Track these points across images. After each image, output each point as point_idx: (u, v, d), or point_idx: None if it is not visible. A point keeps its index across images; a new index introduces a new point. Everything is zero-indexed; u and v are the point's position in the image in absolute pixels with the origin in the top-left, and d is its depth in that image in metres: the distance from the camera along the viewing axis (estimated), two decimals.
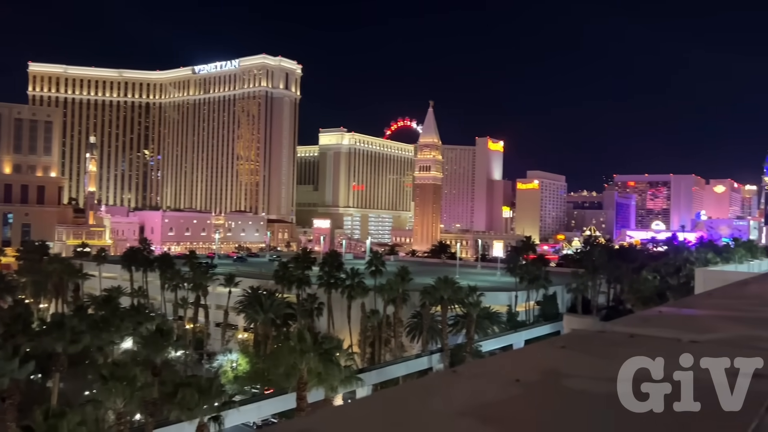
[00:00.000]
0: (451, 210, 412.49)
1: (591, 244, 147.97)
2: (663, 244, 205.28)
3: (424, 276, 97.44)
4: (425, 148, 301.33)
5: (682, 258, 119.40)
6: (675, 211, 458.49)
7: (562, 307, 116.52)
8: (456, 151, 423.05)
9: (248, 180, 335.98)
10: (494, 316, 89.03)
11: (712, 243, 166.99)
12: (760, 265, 79.66)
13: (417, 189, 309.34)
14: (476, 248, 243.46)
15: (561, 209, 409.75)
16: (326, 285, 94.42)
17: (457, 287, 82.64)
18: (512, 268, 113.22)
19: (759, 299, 6.66)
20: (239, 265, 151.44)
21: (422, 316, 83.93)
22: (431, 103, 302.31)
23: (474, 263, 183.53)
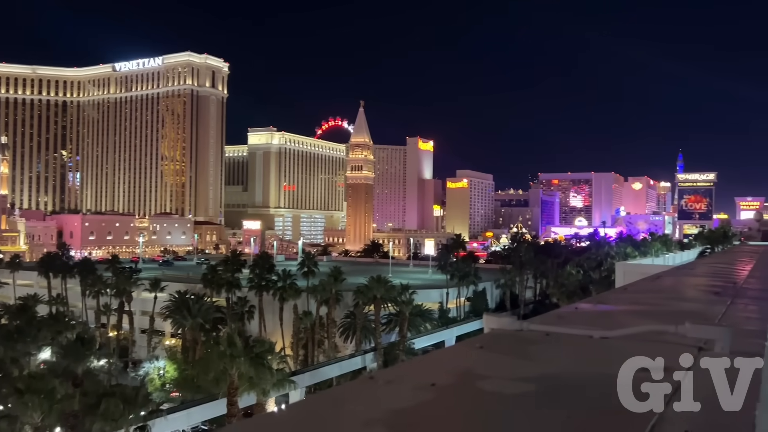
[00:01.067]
0: (383, 209, 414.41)
1: (518, 241, 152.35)
2: (585, 240, 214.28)
3: (357, 276, 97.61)
4: (356, 147, 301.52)
5: (604, 252, 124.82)
6: (596, 207, 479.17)
7: (491, 303, 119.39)
8: (387, 151, 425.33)
9: (174, 181, 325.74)
10: (426, 313, 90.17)
11: (630, 238, 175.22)
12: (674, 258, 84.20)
13: (349, 189, 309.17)
14: (408, 247, 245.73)
15: (489, 207, 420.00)
16: (257, 287, 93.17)
17: (389, 286, 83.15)
18: (443, 265, 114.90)
19: (669, 293, 6.99)
20: (165, 269, 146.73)
21: (355, 316, 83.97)
22: (362, 103, 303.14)
23: (406, 262, 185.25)
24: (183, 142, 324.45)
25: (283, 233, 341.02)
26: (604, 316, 5.00)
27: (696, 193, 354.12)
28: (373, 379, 2.93)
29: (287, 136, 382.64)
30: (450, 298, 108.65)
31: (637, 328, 3.88)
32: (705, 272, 10.81)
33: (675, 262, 65.19)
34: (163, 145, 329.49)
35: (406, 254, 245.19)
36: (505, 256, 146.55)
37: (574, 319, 4.77)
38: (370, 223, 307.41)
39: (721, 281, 8.57)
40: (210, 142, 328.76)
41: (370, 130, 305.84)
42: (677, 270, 11.72)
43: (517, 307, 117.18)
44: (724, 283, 8.01)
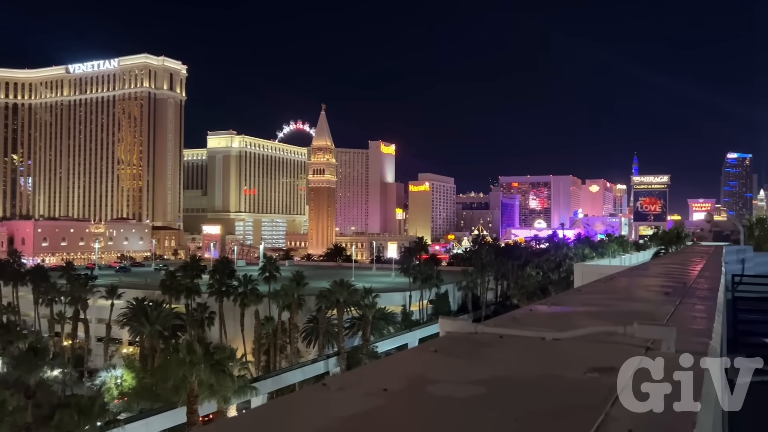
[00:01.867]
0: (345, 213, 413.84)
1: (479, 243, 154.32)
2: (545, 241, 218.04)
3: (319, 280, 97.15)
4: (318, 151, 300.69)
5: (562, 254, 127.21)
6: (555, 209, 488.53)
7: (454, 305, 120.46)
8: (349, 154, 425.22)
9: (131, 185, 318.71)
10: (389, 316, 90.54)
11: (588, 239, 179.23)
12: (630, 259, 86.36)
13: (311, 192, 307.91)
14: (371, 250, 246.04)
15: (451, 210, 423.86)
16: (217, 293, 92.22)
17: (352, 290, 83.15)
18: (406, 268, 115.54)
19: (621, 293, 7.17)
20: (122, 276, 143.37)
21: (318, 321, 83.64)
22: (323, 107, 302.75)
23: (369, 265, 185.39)
24: (140, 146, 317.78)
25: (244, 238, 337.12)
26: (557, 318, 5.09)
27: (651, 195, 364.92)
28: (326, 386, 2.90)
29: (247, 140, 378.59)
30: (413, 301, 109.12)
31: (587, 329, 3.95)
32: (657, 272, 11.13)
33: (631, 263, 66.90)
34: (120, 149, 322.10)
35: (369, 258, 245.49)
36: (467, 258, 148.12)
37: (529, 321, 4.84)
38: (333, 227, 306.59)
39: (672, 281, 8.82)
40: (168, 146, 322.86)
41: (332, 134, 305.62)
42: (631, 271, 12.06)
43: (478, 308, 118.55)
44: (675, 283, 8.26)
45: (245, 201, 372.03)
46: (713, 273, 11.28)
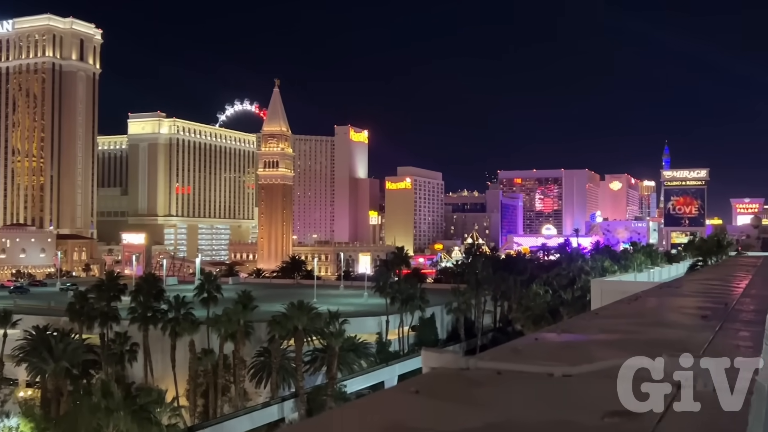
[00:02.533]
0: (306, 217, 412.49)
1: (473, 254, 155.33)
2: (555, 252, 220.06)
3: (273, 302, 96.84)
4: (271, 138, 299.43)
5: (577, 267, 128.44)
6: (568, 212, 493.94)
7: (442, 332, 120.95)
8: (310, 143, 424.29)
9: (29, 182, 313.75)
10: (361, 347, 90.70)
11: (609, 249, 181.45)
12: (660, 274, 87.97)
13: (262, 191, 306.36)
14: (338, 264, 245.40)
15: (439, 213, 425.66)
16: (141, 320, 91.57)
17: (314, 314, 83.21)
18: (382, 286, 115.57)
19: (648, 317, 7.28)
20: (18, 298, 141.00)
21: (271, 354, 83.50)
22: (277, 83, 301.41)
23: (336, 282, 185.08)
24: (41, 132, 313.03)
25: (176, 249, 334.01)
26: (568, 349, 5.16)
27: (685, 193, 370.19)
28: None
29: (180, 124, 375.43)
30: (391, 328, 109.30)
31: (605, 363, 4.00)
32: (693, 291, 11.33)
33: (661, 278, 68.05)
34: (15, 136, 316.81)
35: (335, 273, 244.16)
36: (459, 273, 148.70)
37: (533, 353, 4.90)
38: (290, 235, 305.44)
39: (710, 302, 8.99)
40: (78, 132, 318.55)
41: (288, 117, 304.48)
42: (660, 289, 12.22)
43: (473, 336, 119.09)
44: (714, 304, 8.42)
45: (177, 202, 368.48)
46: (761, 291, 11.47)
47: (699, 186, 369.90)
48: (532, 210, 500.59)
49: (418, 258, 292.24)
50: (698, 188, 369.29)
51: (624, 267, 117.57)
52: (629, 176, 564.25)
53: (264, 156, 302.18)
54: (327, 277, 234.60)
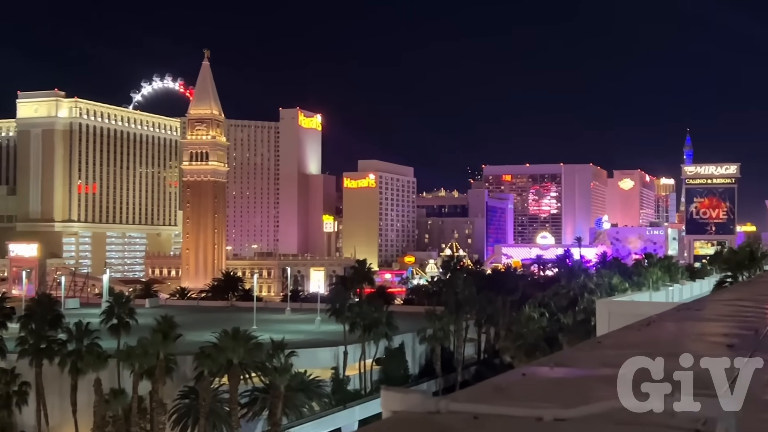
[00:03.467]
0: (243, 222, 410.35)
1: (453, 269, 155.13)
2: (553, 266, 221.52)
3: (201, 329, 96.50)
4: (199, 124, 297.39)
5: (579, 285, 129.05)
6: (568, 216, 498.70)
7: (413, 366, 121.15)
8: (249, 130, 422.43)
9: None
10: (313, 385, 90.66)
11: (618, 261, 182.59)
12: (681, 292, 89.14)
13: (188, 190, 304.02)
14: (284, 281, 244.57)
15: (410, 217, 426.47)
16: (33, 353, 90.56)
17: (254, 345, 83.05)
18: (339, 309, 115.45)
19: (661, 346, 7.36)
20: None
21: (198, 394, 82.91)
22: (206, 54, 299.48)
23: (281, 305, 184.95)
24: None
25: (78, 263, 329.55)
26: (562, 386, 5.20)
27: (711, 194, 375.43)
28: None
29: (84, 105, 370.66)
30: (350, 361, 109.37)
31: (606, 403, 4.03)
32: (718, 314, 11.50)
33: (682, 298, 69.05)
34: None
35: (280, 293, 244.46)
36: (434, 292, 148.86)
37: (519, 392, 4.92)
38: (223, 246, 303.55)
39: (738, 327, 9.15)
40: None
41: (222, 98, 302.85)
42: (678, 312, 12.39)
43: (452, 370, 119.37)
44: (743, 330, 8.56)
45: (79, 204, 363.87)
46: None
47: (728, 185, 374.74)
48: (524, 214, 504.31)
49: (385, 274, 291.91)
50: (727, 187, 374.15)
51: (637, 284, 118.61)
52: (643, 173, 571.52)
53: (190, 146, 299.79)
54: (270, 297, 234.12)
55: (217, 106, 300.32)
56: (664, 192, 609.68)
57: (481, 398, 4.61)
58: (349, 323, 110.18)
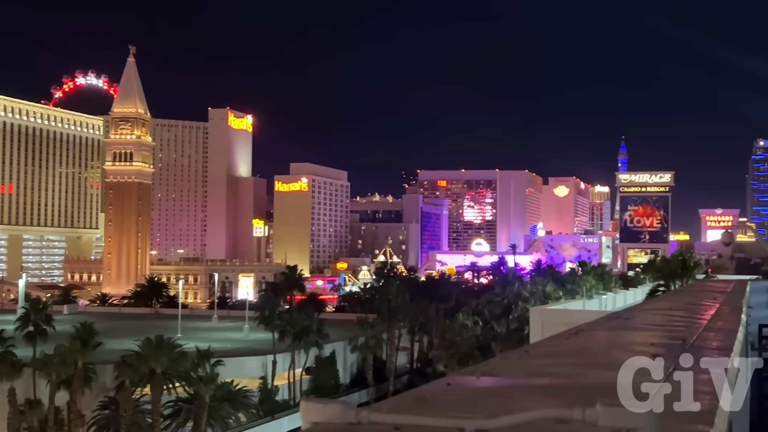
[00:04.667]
0: (169, 226, 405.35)
1: (386, 276, 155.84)
2: (487, 273, 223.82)
3: (123, 337, 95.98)
4: (124, 122, 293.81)
5: (513, 293, 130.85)
6: (503, 223, 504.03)
7: (344, 375, 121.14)
8: (176, 130, 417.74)
9: None
10: (239, 396, 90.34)
11: (552, 269, 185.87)
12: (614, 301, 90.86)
13: (110, 191, 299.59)
14: (211, 288, 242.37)
15: (343, 223, 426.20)
16: None
17: (178, 353, 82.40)
18: (268, 317, 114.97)
19: (587, 356, 7.47)
20: None
21: (119, 405, 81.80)
22: (132, 50, 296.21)
23: (208, 312, 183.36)
24: None
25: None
26: (487, 396, 5.24)
27: (645, 202, 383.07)
28: None
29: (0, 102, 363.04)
30: (279, 370, 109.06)
31: (528, 414, 4.07)
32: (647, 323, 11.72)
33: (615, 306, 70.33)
34: None
35: (207, 300, 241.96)
36: (367, 300, 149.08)
37: (443, 402, 4.94)
38: (147, 250, 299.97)
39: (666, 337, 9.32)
40: None
41: (149, 96, 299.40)
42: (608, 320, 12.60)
43: (384, 380, 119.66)
44: (670, 339, 8.72)
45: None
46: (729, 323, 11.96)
47: (662, 193, 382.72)
48: (459, 220, 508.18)
49: (316, 280, 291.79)
50: (661, 196, 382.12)
51: (570, 292, 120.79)
52: (578, 180, 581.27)
53: (114, 145, 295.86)
54: (196, 304, 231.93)
55: (142, 104, 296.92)
56: (599, 200, 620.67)
57: (403, 409, 4.61)
58: (279, 331, 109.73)
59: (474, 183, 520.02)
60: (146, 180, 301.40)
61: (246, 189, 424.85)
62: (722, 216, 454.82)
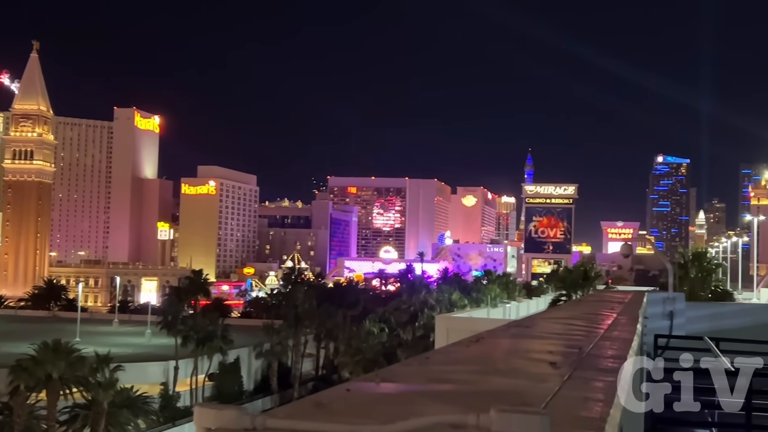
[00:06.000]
0: (70, 227, 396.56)
1: (293, 282, 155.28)
2: (395, 280, 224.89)
3: (18, 340, 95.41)
4: (25, 119, 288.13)
5: (420, 300, 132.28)
6: (411, 231, 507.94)
7: (249, 382, 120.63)
8: (80, 129, 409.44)
9: None
10: (139, 402, 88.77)
11: (459, 278, 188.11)
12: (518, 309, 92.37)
13: (9, 190, 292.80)
14: (113, 291, 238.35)
15: (251, 227, 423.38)
16: None
17: (76, 358, 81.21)
18: (171, 322, 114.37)
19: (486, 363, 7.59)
20: None
21: (12, 411, 79.73)
22: (35, 46, 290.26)
23: (109, 316, 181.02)
24: None
25: None
26: (385, 402, 5.27)
27: (550, 213, 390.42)
28: None
29: None
30: (181, 376, 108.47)
31: (423, 419, 4.10)
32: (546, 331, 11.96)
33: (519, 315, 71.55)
34: None
35: (108, 303, 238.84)
36: (274, 305, 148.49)
37: (341, 408, 4.94)
38: (46, 251, 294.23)
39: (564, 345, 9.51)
40: None
41: (52, 93, 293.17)
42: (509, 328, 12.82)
43: (288, 386, 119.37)
44: (567, 348, 8.91)
45: None
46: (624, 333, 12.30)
47: (566, 205, 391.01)
48: (368, 227, 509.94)
49: (222, 285, 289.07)
50: (565, 207, 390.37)
51: (476, 300, 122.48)
52: (486, 190, 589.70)
53: (14, 143, 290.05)
54: (97, 308, 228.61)
55: (45, 101, 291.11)
56: (506, 210, 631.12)
57: (300, 414, 4.59)
58: (182, 336, 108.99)
59: (384, 190, 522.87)
60: (47, 179, 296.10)
61: (151, 191, 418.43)
62: (623, 228, 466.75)
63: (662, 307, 27.72)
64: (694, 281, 75.55)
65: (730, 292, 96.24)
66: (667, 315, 26.25)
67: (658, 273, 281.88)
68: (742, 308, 42.94)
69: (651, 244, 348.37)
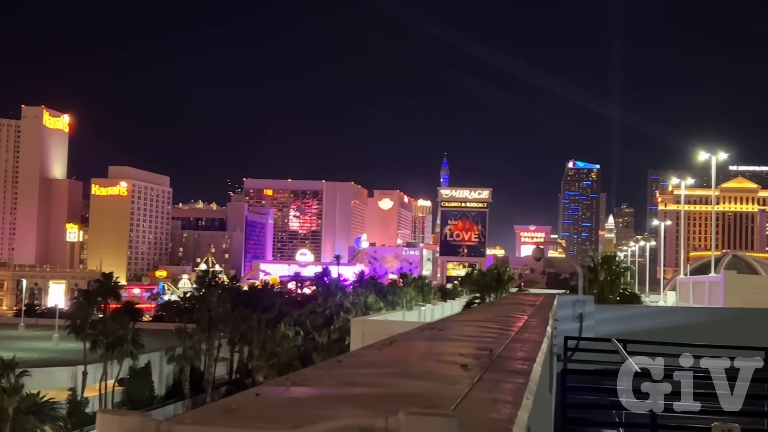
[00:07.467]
0: None
1: (207, 285, 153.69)
2: (311, 283, 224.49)
3: None
4: None
5: (335, 303, 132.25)
6: (328, 234, 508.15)
7: (160, 387, 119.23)
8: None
9: None
10: (46, 408, 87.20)
11: (375, 281, 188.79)
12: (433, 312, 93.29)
13: None
14: (19, 294, 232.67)
15: (164, 230, 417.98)
16: None
17: None
18: (80, 326, 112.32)
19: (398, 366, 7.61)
20: None
21: None
22: None
23: (15, 320, 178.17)
24: None
25: None
26: (294, 406, 5.22)
27: (465, 217, 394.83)
28: None
29: None
30: (90, 381, 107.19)
31: (332, 423, 4.09)
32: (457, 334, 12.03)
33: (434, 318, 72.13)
34: None
35: (14, 307, 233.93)
36: (186, 309, 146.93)
37: (250, 413, 4.88)
38: None
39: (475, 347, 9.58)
40: None
41: None
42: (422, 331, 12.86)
43: (201, 391, 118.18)
44: (478, 350, 8.98)
45: None
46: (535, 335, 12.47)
47: (480, 209, 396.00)
48: (284, 230, 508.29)
49: (133, 288, 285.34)
50: (480, 211, 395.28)
51: (391, 304, 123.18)
52: (402, 193, 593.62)
53: None
54: (2, 311, 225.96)
55: None
56: (422, 213, 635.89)
57: (207, 420, 4.53)
58: (91, 341, 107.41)
59: (300, 193, 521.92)
60: None
61: (60, 191, 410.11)
62: (535, 232, 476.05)
63: (572, 309, 28.24)
64: (603, 284, 77.42)
65: (637, 295, 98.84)
66: (576, 317, 26.77)
67: (569, 276, 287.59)
68: (649, 311, 44.05)
69: (562, 247, 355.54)
